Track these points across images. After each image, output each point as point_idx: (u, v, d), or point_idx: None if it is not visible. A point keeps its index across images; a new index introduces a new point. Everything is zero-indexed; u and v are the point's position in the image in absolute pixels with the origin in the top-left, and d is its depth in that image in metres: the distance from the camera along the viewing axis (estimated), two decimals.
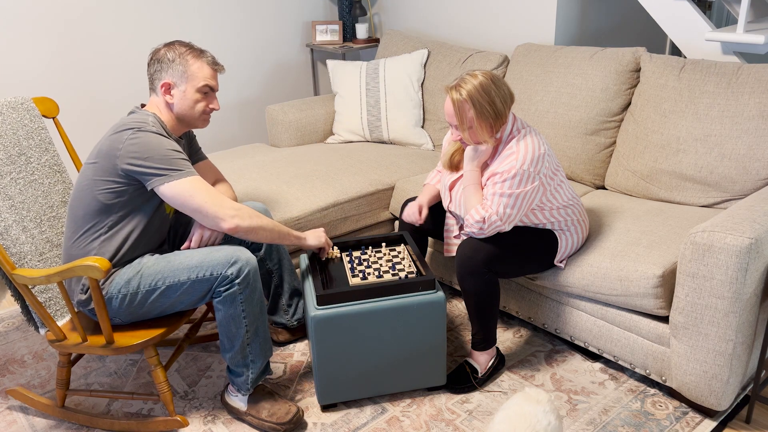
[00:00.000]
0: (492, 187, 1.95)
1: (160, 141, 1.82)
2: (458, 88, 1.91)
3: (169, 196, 1.81)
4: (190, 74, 1.91)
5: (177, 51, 1.92)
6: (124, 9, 3.20)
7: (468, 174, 2.03)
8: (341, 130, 3.32)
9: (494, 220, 1.93)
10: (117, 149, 1.79)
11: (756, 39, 2.41)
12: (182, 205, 1.83)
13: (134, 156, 1.78)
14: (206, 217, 1.85)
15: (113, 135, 1.83)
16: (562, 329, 2.26)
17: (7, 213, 1.93)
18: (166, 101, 1.93)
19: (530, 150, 1.93)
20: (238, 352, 1.92)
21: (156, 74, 1.93)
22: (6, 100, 2.09)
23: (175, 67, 1.90)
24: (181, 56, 1.91)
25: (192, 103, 1.93)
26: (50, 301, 2.00)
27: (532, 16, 3.09)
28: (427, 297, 1.97)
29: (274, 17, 3.74)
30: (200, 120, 1.98)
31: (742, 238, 1.70)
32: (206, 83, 1.93)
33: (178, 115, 1.95)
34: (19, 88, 3.00)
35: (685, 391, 1.95)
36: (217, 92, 2.03)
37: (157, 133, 1.84)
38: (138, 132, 1.81)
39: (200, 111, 1.96)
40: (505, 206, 1.93)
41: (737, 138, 2.24)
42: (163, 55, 1.91)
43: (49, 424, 2.07)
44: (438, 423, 2.00)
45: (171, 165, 1.80)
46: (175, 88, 1.92)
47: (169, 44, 1.94)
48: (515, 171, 1.91)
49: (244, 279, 1.84)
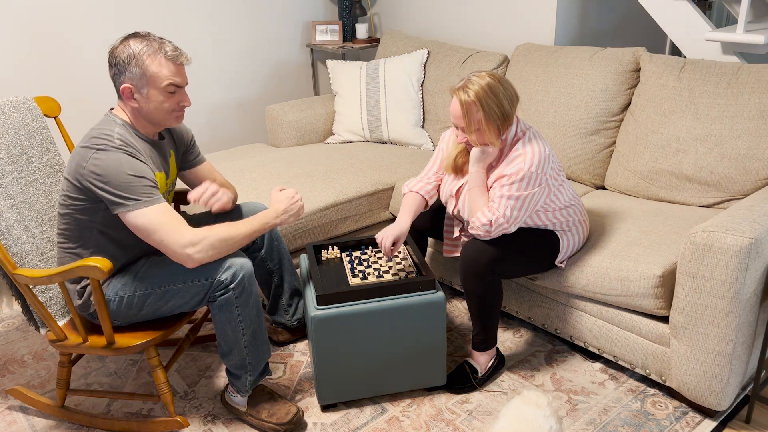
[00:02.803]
0: (499, 189, 1.93)
1: (121, 163, 1.70)
2: (465, 89, 1.88)
3: (131, 226, 1.73)
4: (150, 75, 1.75)
5: (131, 50, 1.74)
6: (125, 8, 3.20)
7: (474, 176, 2.00)
8: (341, 130, 3.32)
9: (501, 222, 1.92)
10: (82, 167, 1.72)
11: (756, 39, 2.41)
12: (145, 238, 1.75)
13: (96, 178, 1.70)
14: (169, 254, 1.76)
15: (81, 149, 1.75)
16: (562, 329, 2.26)
17: (9, 212, 1.93)
18: (131, 106, 1.81)
19: (537, 152, 1.92)
20: (235, 356, 1.92)
21: (115, 79, 1.78)
22: (8, 100, 2.09)
23: (132, 69, 1.74)
24: (136, 57, 1.73)
25: (158, 105, 1.79)
26: (51, 301, 1.99)
27: (532, 16, 3.09)
28: (427, 297, 1.98)
29: (274, 17, 3.74)
30: (171, 119, 1.84)
31: (742, 238, 1.70)
32: (169, 82, 1.77)
33: (146, 118, 1.82)
34: (21, 88, 3.00)
35: (685, 391, 1.95)
36: (186, 86, 1.84)
37: (121, 150, 1.72)
38: (99, 152, 1.71)
39: (169, 110, 1.82)
40: (512, 208, 1.92)
41: (737, 138, 2.25)
42: (118, 57, 1.75)
43: (49, 424, 2.08)
44: (438, 423, 2.00)
45: (129, 192, 1.70)
46: (137, 92, 1.77)
47: (124, 41, 1.76)
48: (524, 173, 1.90)
49: (239, 284, 1.82)
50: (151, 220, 1.72)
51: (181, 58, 1.79)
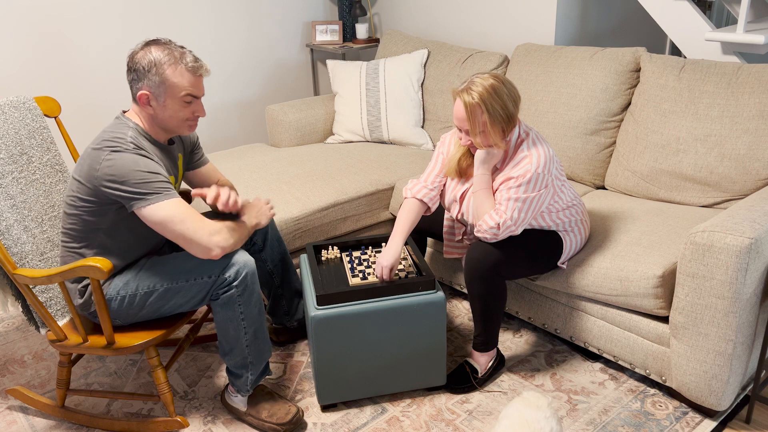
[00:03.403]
0: (506, 192, 1.92)
1: (137, 162, 1.72)
2: (469, 91, 1.85)
3: (150, 221, 1.74)
4: (169, 85, 1.76)
5: (152, 58, 1.75)
6: (126, 8, 3.20)
7: (479, 178, 1.98)
8: (341, 130, 3.32)
9: (509, 225, 1.91)
10: (95, 170, 1.72)
11: (756, 39, 2.41)
12: (164, 231, 1.75)
13: (111, 179, 1.71)
14: (191, 245, 1.77)
15: (93, 151, 1.75)
16: (562, 329, 2.26)
17: (9, 212, 1.93)
18: (147, 112, 1.82)
19: (543, 153, 1.91)
20: (236, 354, 1.92)
21: (133, 84, 1.79)
22: (8, 99, 2.09)
23: (152, 77, 1.75)
24: (157, 65, 1.74)
25: (173, 113, 1.81)
26: (51, 301, 2.00)
27: (532, 16, 3.09)
28: (427, 297, 1.98)
29: (274, 17, 3.74)
30: (185, 127, 1.86)
31: (742, 238, 1.70)
32: (187, 92, 1.79)
33: (160, 125, 1.84)
34: (21, 88, 3.01)
35: (685, 391, 1.95)
36: (203, 96, 1.84)
37: (134, 152, 1.74)
38: (113, 153, 1.72)
39: (183, 119, 1.83)
40: (519, 210, 1.91)
41: (737, 138, 2.25)
42: (138, 63, 1.76)
43: (49, 424, 2.08)
44: (438, 423, 2.00)
45: (148, 188, 1.71)
46: (154, 100, 1.78)
47: (145, 47, 1.78)
48: (530, 175, 1.89)
49: (242, 282, 1.83)
50: (175, 212, 1.74)
51: (201, 70, 1.80)
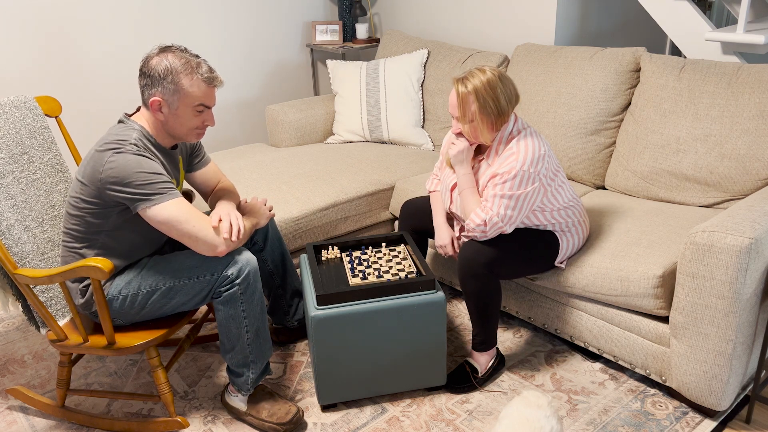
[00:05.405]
0: (492, 188, 1.95)
1: (140, 163, 1.72)
2: (465, 81, 1.92)
3: (155, 221, 1.74)
4: (183, 94, 1.76)
5: (168, 65, 1.74)
6: (127, 8, 3.20)
7: (462, 178, 2.04)
8: (341, 130, 3.32)
9: (495, 221, 1.93)
10: (99, 172, 1.73)
11: (756, 39, 2.41)
12: (169, 231, 1.76)
13: (115, 182, 1.71)
14: (197, 243, 1.78)
15: (97, 152, 1.75)
16: (562, 329, 2.26)
17: (9, 212, 1.94)
18: (157, 118, 1.81)
19: (530, 150, 1.93)
20: (238, 353, 1.92)
21: (145, 89, 1.79)
22: (9, 99, 2.09)
23: (167, 85, 1.75)
24: (173, 73, 1.74)
25: (184, 122, 1.81)
26: (51, 301, 2.00)
27: (532, 16, 3.09)
28: (427, 297, 1.98)
29: (274, 17, 3.75)
30: (193, 135, 1.86)
31: (742, 238, 1.70)
32: (200, 102, 1.79)
33: (169, 131, 1.84)
34: (22, 87, 3.01)
35: (685, 391, 1.95)
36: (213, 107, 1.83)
37: (136, 153, 1.74)
38: (116, 154, 1.72)
39: (192, 128, 1.84)
40: (506, 207, 1.93)
41: (737, 138, 2.25)
42: (153, 69, 1.75)
43: (49, 424, 2.08)
44: (438, 423, 2.01)
45: (152, 189, 1.72)
46: (166, 107, 1.78)
47: (162, 53, 1.78)
48: (515, 171, 1.91)
49: (245, 279, 1.84)
50: (179, 212, 1.75)
51: (215, 81, 1.81)
